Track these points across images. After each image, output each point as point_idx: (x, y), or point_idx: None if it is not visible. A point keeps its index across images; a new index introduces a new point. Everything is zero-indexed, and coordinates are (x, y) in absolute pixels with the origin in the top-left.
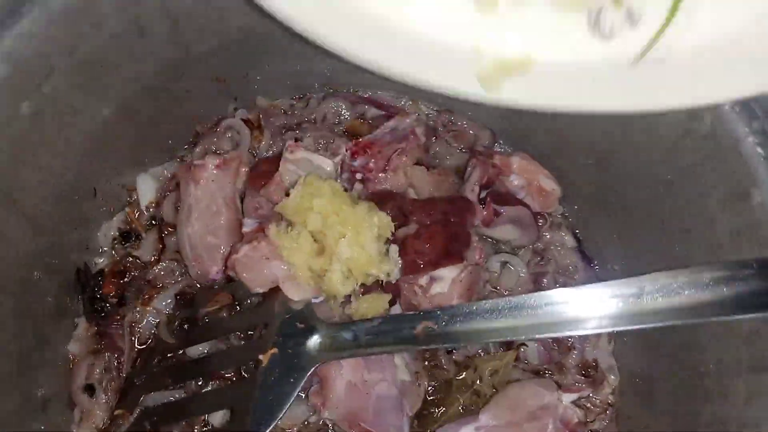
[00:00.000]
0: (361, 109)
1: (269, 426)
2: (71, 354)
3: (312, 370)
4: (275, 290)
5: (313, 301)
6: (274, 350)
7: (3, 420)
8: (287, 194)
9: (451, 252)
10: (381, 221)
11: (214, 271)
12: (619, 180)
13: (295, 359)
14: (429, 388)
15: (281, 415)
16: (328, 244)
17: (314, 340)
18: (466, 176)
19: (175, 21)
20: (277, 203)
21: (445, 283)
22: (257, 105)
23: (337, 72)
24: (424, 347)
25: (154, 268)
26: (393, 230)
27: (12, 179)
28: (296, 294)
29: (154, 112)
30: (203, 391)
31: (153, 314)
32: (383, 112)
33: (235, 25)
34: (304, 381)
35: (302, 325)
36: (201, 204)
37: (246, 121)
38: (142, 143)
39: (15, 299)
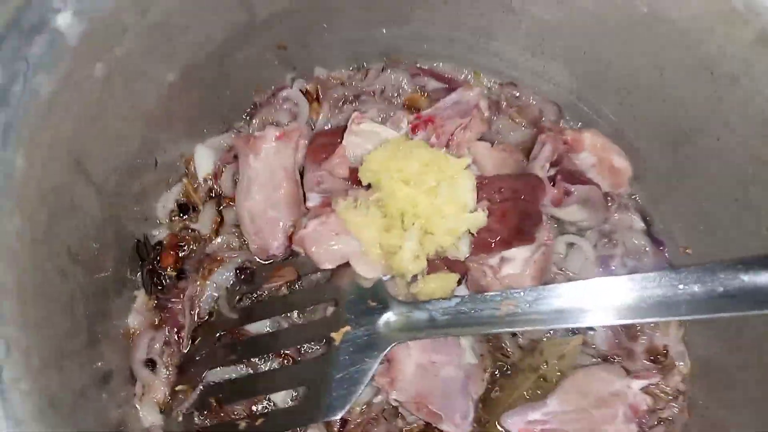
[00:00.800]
0: (421, 82)
1: (345, 407)
2: (131, 327)
3: (387, 350)
4: (344, 267)
5: None
6: (347, 328)
7: (66, 393)
8: (351, 169)
9: (524, 231)
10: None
11: (275, 246)
12: (699, 159)
13: (369, 338)
14: (494, 372)
15: (357, 396)
16: (405, 215)
17: (388, 319)
18: (534, 153)
19: None
20: (340, 177)
21: (517, 263)
22: (315, 75)
23: (397, 41)
24: (506, 329)
25: (213, 241)
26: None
27: (83, 146)
28: (367, 271)
29: (215, 80)
30: (272, 368)
31: (213, 288)
32: (444, 85)
33: None
34: (379, 361)
35: (374, 303)
36: (261, 177)
37: (304, 93)
38: (201, 113)
39: (84, 269)
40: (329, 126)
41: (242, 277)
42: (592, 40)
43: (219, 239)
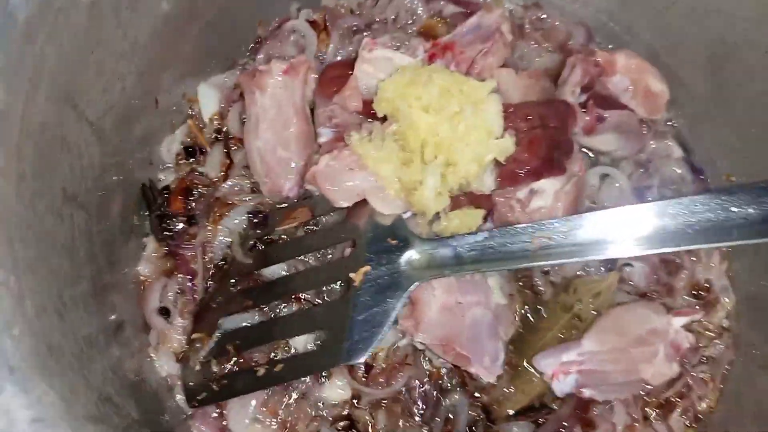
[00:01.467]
0: (437, 6)
1: (368, 350)
2: (142, 276)
3: (411, 289)
4: (360, 204)
5: None
6: (367, 268)
7: (69, 341)
8: (364, 101)
9: (554, 161)
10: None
11: (287, 186)
12: (744, 77)
13: (390, 277)
14: (524, 312)
15: (380, 338)
16: (426, 145)
17: (410, 257)
18: (563, 77)
19: None
20: (353, 111)
21: (547, 196)
22: (322, 4)
23: None
24: (539, 264)
25: (223, 185)
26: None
27: (72, 80)
28: (385, 207)
29: (215, 12)
30: (290, 313)
31: (225, 233)
32: (462, 9)
33: None
34: (402, 301)
35: (395, 241)
36: (269, 114)
37: (311, 23)
38: (202, 49)
39: (86, 214)
40: (339, 58)
41: (255, 220)
42: None
43: (229, 182)
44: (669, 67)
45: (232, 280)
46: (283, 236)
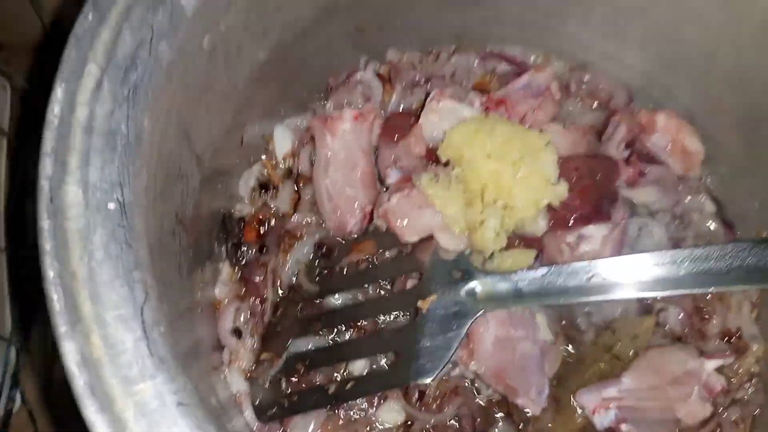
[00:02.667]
0: (491, 65)
1: (436, 371)
2: (218, 298)
3: (474, 318)
4: (425, 240)
5: None
6: (434, 297)
7: (180, 350)
8: (428, 147)
9: (601, 209)
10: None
11: (352, 222)
12: None
13: (456, 307)
14: (568, 349)
15: (447, 362)
16: (487, 189)
17: (473, 289)
18: (607, 133)
19: None
20: (417, 155)
21: (595, 241)
22: (387, 59)
23: (468, 25)
24: (592, 299)
25: (292, 218)
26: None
27: (190, 116)
28: (451, 244)
29: (298, 62)
30: (359, 336)
31: (293, 263)
32: (514, 68)
33: None
34: (466, 329)
35: (459, 274)
36: (338, 156)
37: (377, 75)
38: (281, 94)
39: (186, 235)
40: (401, 107)
41: (320, 252)
42: (668, 23)
43: (297, 216)
44: (705, 127)
45: (299, 306)
46: (346, 267)
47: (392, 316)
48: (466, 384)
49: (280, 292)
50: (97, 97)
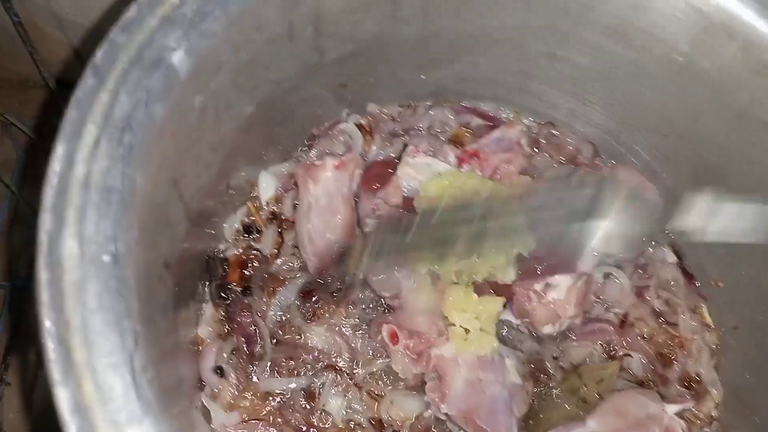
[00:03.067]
0: (466, 119)
1: None
2: (201, 337)
3: None
4: None
5: None
6: None
7: (166, 390)
8: (404, 198)
9: (568, 260)
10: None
11: (331, 266)
12: (731, 194)
13: None
14: (536, 392)
15: None
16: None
17: None
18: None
19: (318, 27)
20: (394, 205)
21: (561, 290)
22: (368, 111)
23: (444, 82)
24: None
25: (275, 261)
26: None
27: (180, 168)
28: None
29: (283, 113)
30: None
31: (276, 308)
32: (487, 123)
33: (370, 33)
34: None
35: None
36: (320, 202)
37: (358, 126)
38: (266, 142)
39: (172, 279)
40: (380, 157)
41: (303, 297)
42: (630, 87)
43: (280, 260)
44: (664, 182)
45: None
46: None
47: None
48: (437, 426)
49: (271, 324)
50: (95, 155)
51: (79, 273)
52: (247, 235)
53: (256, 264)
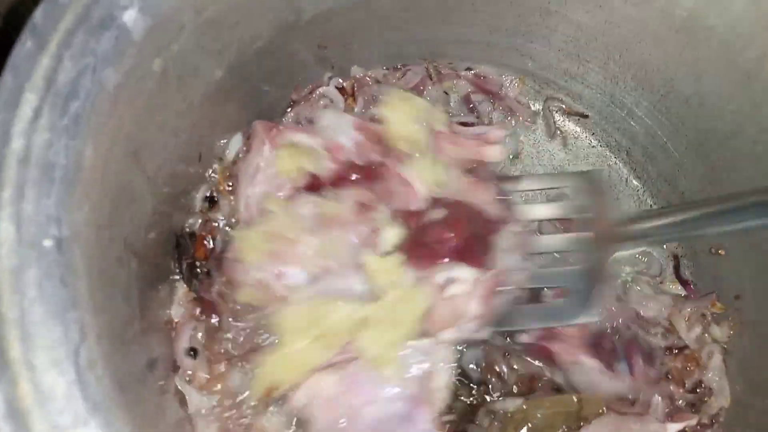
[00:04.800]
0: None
1: None
2: (174, 318)
3: None
4: None
5: None
6: None
7: (129, 379)
8: None
9: (473, 249)
10: None
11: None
12: (735, 163)
13: None
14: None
15: None
16: None
17: None
18: None
19: None
20: None
21: (464, 284)
22: (352, 74)
23: (436, 44)
24: None
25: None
26: None
27: (140, 137)
28: None
29: (258, 77)
30: None
31: None
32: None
33: None
34: None
35: None
36: (269, 170)
37: (340, 90)
38: (242, 109)
39: (138, 260)
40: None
41: None
42: (629, 45)
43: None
44: (665, 148)
45: None
46: None
47: None
48: None
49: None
50: (35, 127)
51: (15, 259)
52: (211, 206)
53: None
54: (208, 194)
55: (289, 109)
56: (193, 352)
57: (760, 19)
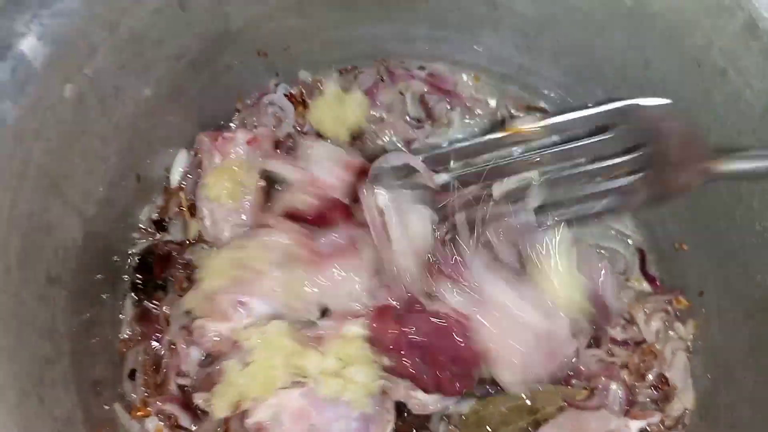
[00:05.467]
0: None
1: None
2: (121, 339)
3: None
4: None
5: None
6: None
7: (56, 425)
8: None
9: None
10: None
11: (226, 236)
12: None
13: None
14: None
15: None
16: None
17: None
18: None
19: None
20: None
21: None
22: (300, 79)
23: (382, 42)
24: None
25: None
26: None
27: (59, 168)
28: None
29: (197, 90)
30: None
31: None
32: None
33: None
34: None
35: None
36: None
37: (289, 97)
38: (183, 124)
39: (68, 292)
40: None
41: None
42: (577, 35)
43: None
44: None
45: None
46: None
47: None
48: None
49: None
50: None
51: None
52: (162, 225)
53: (173, 254)
54: (155, 216)
55: (234, 117)
56: (132, 374)
57: (703, 5)
